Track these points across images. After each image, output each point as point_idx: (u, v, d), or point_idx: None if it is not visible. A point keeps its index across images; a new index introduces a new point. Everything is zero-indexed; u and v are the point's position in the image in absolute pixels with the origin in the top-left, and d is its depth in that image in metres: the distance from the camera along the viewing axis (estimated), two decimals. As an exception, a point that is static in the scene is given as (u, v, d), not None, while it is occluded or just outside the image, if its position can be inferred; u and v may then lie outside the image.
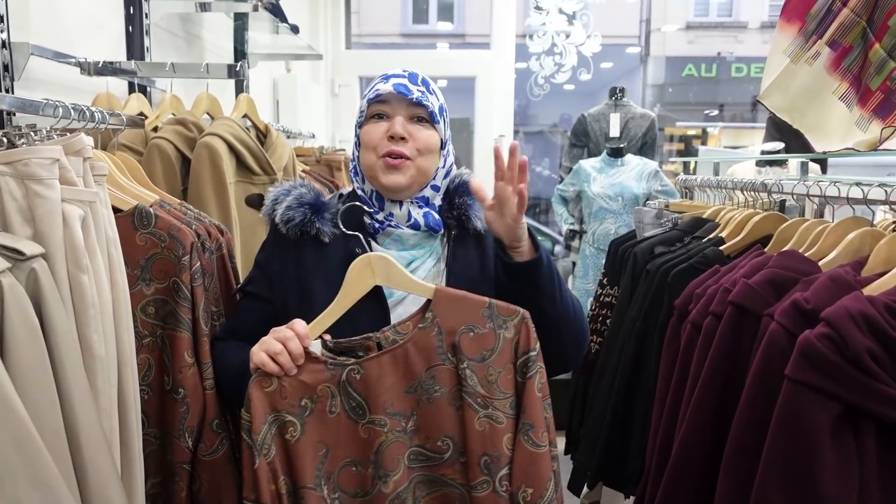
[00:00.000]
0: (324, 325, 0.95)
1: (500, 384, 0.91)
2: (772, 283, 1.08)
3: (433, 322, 0.92)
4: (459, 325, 0.92)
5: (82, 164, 0.80)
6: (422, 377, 0.92)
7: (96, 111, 1.15)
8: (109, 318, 0.82)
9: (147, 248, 1.09)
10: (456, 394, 0.92)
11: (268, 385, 0.90)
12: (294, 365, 0.90)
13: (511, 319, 0.92)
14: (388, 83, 1.04)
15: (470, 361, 0.91)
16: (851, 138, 1.24)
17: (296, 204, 1.07)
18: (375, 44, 11.13)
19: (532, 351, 0.91)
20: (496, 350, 0.91)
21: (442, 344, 0.92)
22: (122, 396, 0.86)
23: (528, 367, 0.91)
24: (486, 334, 0.91)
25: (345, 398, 0.91)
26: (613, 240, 2.05)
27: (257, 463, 0.87)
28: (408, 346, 0.92)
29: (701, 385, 1.14)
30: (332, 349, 0.94)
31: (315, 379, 0.91)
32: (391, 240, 1.07)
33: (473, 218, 1.09)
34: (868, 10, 1.20)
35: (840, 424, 0.85)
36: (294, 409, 0.90)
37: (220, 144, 1.42)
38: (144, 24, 1.81)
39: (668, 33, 11.08)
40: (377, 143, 1.04)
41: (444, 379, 0.92)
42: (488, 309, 0.92)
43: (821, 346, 0.85)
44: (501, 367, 0.91)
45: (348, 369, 0.91)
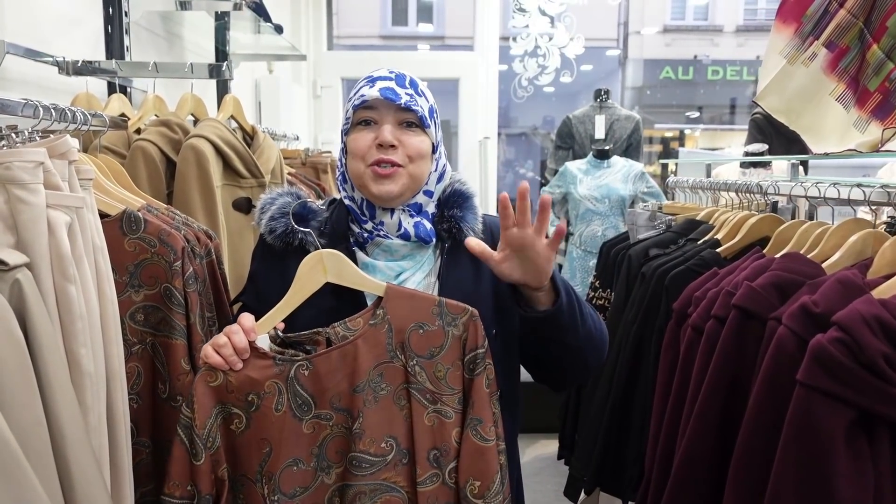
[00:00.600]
0: (273, 321, 0.94)
1: (448, 380, 0.92)
2: (776, 285, 1.07)
3: (384, 319, 0.92)
4: (409, 322, 0.92)
5: (68, 168, 0.76)
6: (370, 375, 0.92)
7: (78, 112, 1.10)
8: (97, 330, 0.78)
9: (136, 254, 1.05)
10: (402, 391, 0.92)
11: (213, 380, 0.89)
12: (238, 358, 0.88)
13: (460, 317, 0.92)
14: (373, 87, 0.98)
15: (419, 358, 0.92)
16: (849, 139, 1.23)
17: (279, 214, 1.04)
18: (355, 45, 11.07)
19: (480, 348, 0.92)
20: (444, 347, 0.92)
21: (391, 341, 0.92)
22: (111, 412, 0.81)
23: (475, 363, 0.92)
24: (435, 332, 0.92)
25: (292, 395, 0.91)
26: (605, 242, 2.04)
27: (202, 459, 0.87)
28: (358, 343, 0.92)
29: (705, 390, 1.12)
30: (281, 343, 0.94)
31: (262, 374, 0.90)
32: (380, 250, 1.03)
33: (465, 229, 1.04)
34: (865, 11, 1.20)
35: (854, 430, 0.84)
36: (240, 402, 0.90)
37: (206, 146, 1.37)
38: (124, 22, 1.75)
39: (646, 36, 11.20)
40: (365, 152, 0.99)
41: (391, 377, 0.92)
42: (438, 307, 0.92)
43: (834, 350, 0.83)
44: (450, 364, 0.92)
45: (297, 365, 0.91)
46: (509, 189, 8.55)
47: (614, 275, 1.86)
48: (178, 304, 1.03)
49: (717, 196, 1.93)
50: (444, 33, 10.83)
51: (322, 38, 3.98)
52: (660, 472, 1.25)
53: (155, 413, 1.06)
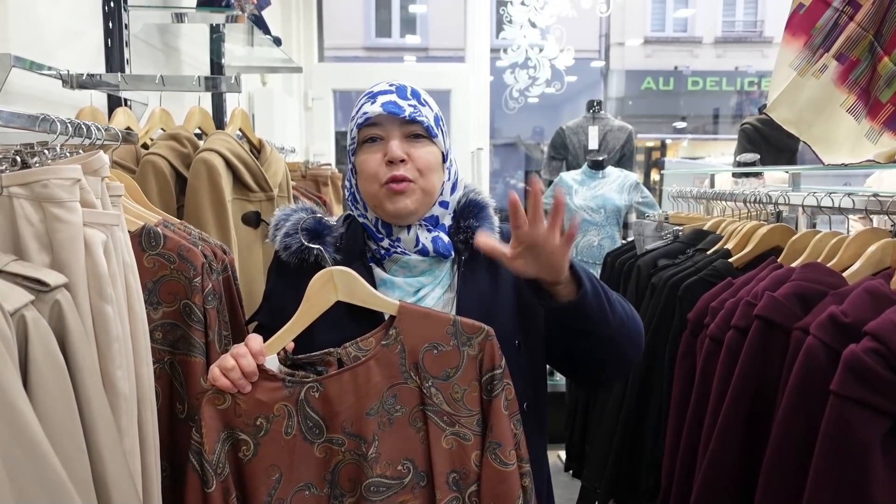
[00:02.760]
0: (282, 342, 0.91)
1: (465, 402, 0.89)
2: (798, 296, 1.08)
3: (396, 339, 0.90)
4: (423, 342, 0.90)
5: (100, 184, 0.74)
6: (383, 396, 0.89)
7: (93, 126, 1.08)
8: (131, 350, 0.75)
9: (155, 270, 1.02)
10: (417, 413, 0.90)
11: (221, 402, 0.86)
12: (247, 382, 0.86)
13: (475, 337, 0.90)
14: (375, 103, 0.96)
15: (434, 380, 0.89)
16: (861, 150, 1.25)
17: (293, 230, 1.01)
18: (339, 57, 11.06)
19: (497, 369, 0.89)
20: (460, 367, 0.89)
21: (405, 362, 0.90)
22: (142, 434, 0.79)
23: (493, 384, 0.89)
24: (450, 352, 0.89)
25: (302, 418, 0.88)
26: (608, 253, 2.05)
27: (213, 486, 0.84)
28: (370, 364, 0.89)
29: (729, 400, 1.12)
30: (291, 364, 0.91)
31: (271, 397, 0.87)
32: (398, 266, 1.01)
33: None
34: (875, 24, 1.22)
35: (890, 439, 0.84)
36: (248, 428, 0.87)
37: (218, 161, 1.35)
38: (124, 35, 1.73)
39: (628, 48, 11.36)
40: (376, 171, 0.97)
41: (406, 398, 0.90)
42: (453, 326, 0.90)
43: (869, 360, 0.84)
44: (466, 385, 0.89)
45: (307, 387, 0.88)
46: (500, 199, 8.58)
47: (620, 285, 1.86)
48: (198, 321, 1.01)
49: (712, 206, 1.95)
50: (429, 45, 10.88)
51: (313, 49, 3.97)
52: (681, 482, 1.25)
53: (173, 434, 1.03)
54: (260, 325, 1.06)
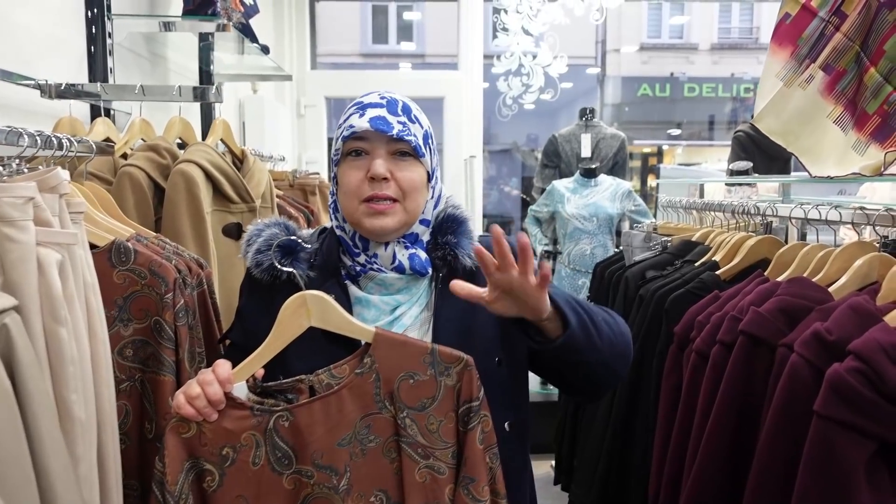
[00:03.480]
0: (251, 369, 0.87)
1: (441, 434, 0.86)
2: (783, 311, 1.06)
3: (371, 368, 0.86)
4: (399, 371, 0.86)
5: (58, 202, 0.72)
6: (357, 427, 0.86)
7: (64, 138, 1.06)
8: (89, 374, 0.73)
9: (126, 287, 1.00)
10: (392, 444, 0.87)
11: (185, 431, 0.83)
12: (213, 410, 0.83)
13: (453, 367, 0.86)
14: (363, 116, 0.93)
15: (409, 410, 0.86)
16: (848, 162, 1.23)
17: (265, 246, 0.98)
18: (336, 63, 11.07)
19: (474, 400, 0.86)
20: (437, 398, 0.86)
21: (379, 391, 0.86)
22: (102, 460, 0.76)
23: (469, 416, 0.86)
24: (427, 381, 0.86)
25: (270, 448, 0.85)
26: (598, 263, 2.03)
27: None
28: (342, 393, 0.86)
29: (714, 417, 1.10)
30: (260, 391, 0.87)
31: (239, 426, 0.84)
32: (374, 284, 0.98)
33: (461, 256, 0.99)
34: (861, 34, 1.21)
35: (875, 461, 0.82)
36: (214, 457, 0.83)
37: (196, 172, 1.33)
38: (108, 43, 1.71)
39: (624, 54, 11.38)
40: (358, 187, 0.94)
41: (380, 428, 0.87)
42: (430, 355, 0.86)
43: (853, 380, 0.81)
44: (443, 416, 0.86)
45: (276, 416, 0.84)
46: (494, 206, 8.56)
47: (609, 296, 1.84)
48: (168, 339, 0.99)
49: (703, 215, 1.94)
50: (426, 51, 10.89)
51: (306, 57, 3.96)
52: (668, 498, 1.23)
53: (143, 454, 1.01)
54: (233, 343, 1.03)
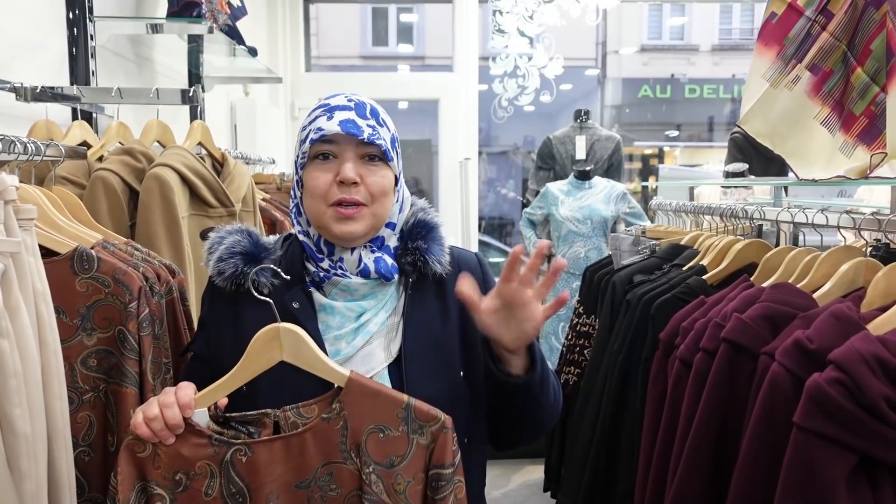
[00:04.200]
0: (214, 397, 0.84)
1: (408, 495, 0.81)
2: (766, 318, 1.03)
3: (339, 415, 0.82)
4: (369, 423, 0.82)
5: (3, 209, 0.69)
6: (317, 472, 0.82)
7: (29, 142, 1.03)
8: (37, 386, 0.70)
9: (89, 295, 0.98)
10: (354, 499, 0.82)
11: (140, 450, 0.80)
12: (170, 434, 0.80)
13: (429, 426, 0.82)
14: (332, 119, 0.90)
15: (376, 465, 0.81)
16: (835, 164, 1.20)
17: (227, 254, 0.95)
18: (335, 66, 11.06)
19: (447, 466, 0.81)
20: (407, 456, 0.81)
21: (345, 441, 0.82)
22: (54, 474, 0.74)
23: (440, 483, 0.81)
24: (398, 438, 0.81)
25: (225, 481, 0.81)
26: (588, 266, 2.00)
27: None
28: (306, 436, 0.82)
29: (695, 427, 1.07)
30: (221, 421, 0.84)
31: (195, 454, 0.81)
32: (339, 290, 0.95)
33: (431, 262, 0.97)
34: (848, 34, 1.18)
35: (856, 475, 0.79)
36: (166, 482, 0.80)
37: (171, 175, 1.31)
38: (89, 46, 1.69)
39: (624, 56, 11.35)
40: (325, 190, 0.91)
41: (343, 480, 0.82)
42: (404, 410, 0.82)
43: (833, 391, 0.79)
44: (411, 477, 0.81)
45: (234, 449, 0.81)
46: (491, 208, 8.53)
47: (598, 301, 1.82)
48: (131, 350, 0.97)
49: (700, 218, 1.91)
50: (425, 53, 10.88)
51: (300, 59, 3.94)
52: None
53: (106, 467, 0.98)
54: (195, 355, 0.99)
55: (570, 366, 1.90)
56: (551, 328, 3.16)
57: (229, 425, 0.83)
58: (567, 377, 1.90)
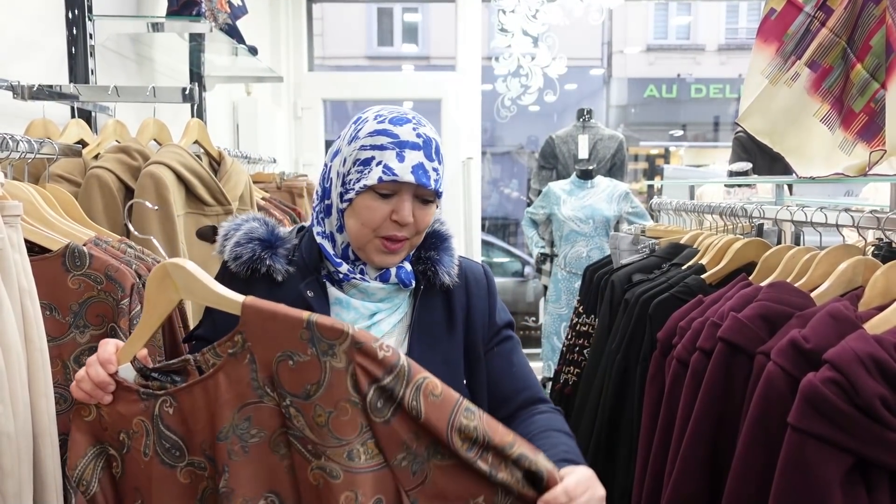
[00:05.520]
0: (133, 349, 0.80)
1: (331, 428, 0.72)
2: (763, 317, 1.02)
3: (244, 347, 0.74)
4: (275, 351, 0.73)
5: (-12, 205, 0.69)
6: (234, 419, 0.74)
7: (21, 140, 1.03)
8: (22, 383, 0.70)
9: (81, 292, 0.98)
10: (281, 437, 0.75)
11: (87, 414, 0.77)
12: (101, 393, 0.77)
13: (338, 344, 0.72)
14: (404, 163, 0.89)
15: (293, 398, 0.73)
16: (835, 161, 1.19)
17: (245, 239, 0.97)
18: (340, 66, 11.08)
19: (384, 377, 0.72)
20: (322, 384, 0.72)
21: (256, 376, 0.74)
22: (40, 473, 0.73)
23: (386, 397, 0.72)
24: (308, 362, 0.72)
25: (157, 438, 0.76)
26: (588, 266, 1.98)
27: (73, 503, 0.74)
28: (219, 377, 0.75)
29: (691, 427, 1.06)
30: (146, 374, 0.79)
31: (129, 410, 0.76)
32: (357, 290, 0.97)
33: (441, 273, 0.99)
34: (848, 30, 1.16)
35: (851, 477, 0.78)
36: (115, 443, 0.77)
37: (166, 173, 1.30)
38: (88, 44, 1.69)
39: (630, 55, 11.31)
40: (379, 223, 0.92)
41: (263, 420, 0.75)
42: (307, 330, 0.73)
43: (828, 392, 0.77)
44: (332, 407, 0.72)
45: (160, 401, 0.76)
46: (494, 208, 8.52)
47: (598, 300, 1.80)
48: (126, 346, 0.96)
49: (702, 218, 1.89)
50: (429, 53, 10.88)
51: (303, 59, 3.94)
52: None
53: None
54: (200, 338, 0.99)
55: (570, 365, 1.89)
56: (553, 328, 3.14)
57: (153, 377, 0.79)
58: (567, 377, 1.89)
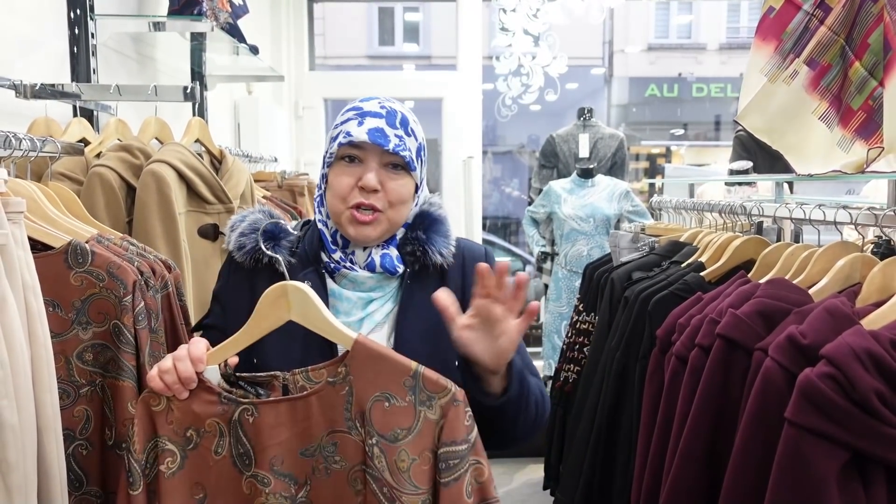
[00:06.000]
0: (225, 354, 0.83)
1: (411, 475, 0.75)
2: (761, 313, 1.02)
3: (345, 379, 0.78)
4: (374, 390, 0.77)
5: (-9, 202, 0.70)
6: (322, 441, 0.79)
7: (24, 138, 1.04)
8: (26, 378, 0.71)
9: (83, 289, 0.98)
10: (358, 474, 0.78)
11: (156, 404, 0.79)
12: (182, 387, 0.79)
13: (438, 397, 0.75)
14: (362, 126, 0.93)
15: (380, 438, 0.76)
16: (833, 159, 1.19)
17: (249, 230, 1.00)
18: (341, 65, 11.09)
19: (460, 443, 0.74)
20: (413, 430, 0.75)
21: (350, 408, 0.78)
22: (44, 467, 0.74)
23: (451, 463, 0.74)
24: (404, 409, 0.76)
25: (234, 441, 0.79)
26: (588, 264, 1.99)
27: (139, 488, 0.76)
28: (311, 400, 0.79)
29: (690, 423, 1.07)
30: (232, 381, 0.83)
31: (205, 410, 0.79)
32: (347, 281, 0.99)
33: (431, 252, 0.99)
34: (846, 27, 1.17)
35: (848, 471, 0.78)
36: (178, 437, 0.79)
37: (167, 172, 1.31)
38: (90, 44, 1.70)
39: (631, 54, 11.30)
40: (346, 193, 0.94)
41: (348, 451, 0.78)
42: (412, 378, 0.76)
43: (824, 386, 0.78)
44: (417, 455, 0.75)
45: (242, 408, 0.79)
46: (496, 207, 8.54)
47: (598, 298, 1.81)
48: (128, 343, 0.97)
49: (702, 216, 1.89)
50: (431, 53, 10.88)
51: (304, 58, 3.95)
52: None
53: (104, 460, 0.99)
54: (209, 326, 1.02)
55: (570, 363, 1.90)
56: (554, 327, 3.15)
57: (239, 385, 0.82)
58: (567, 374, 1.89)
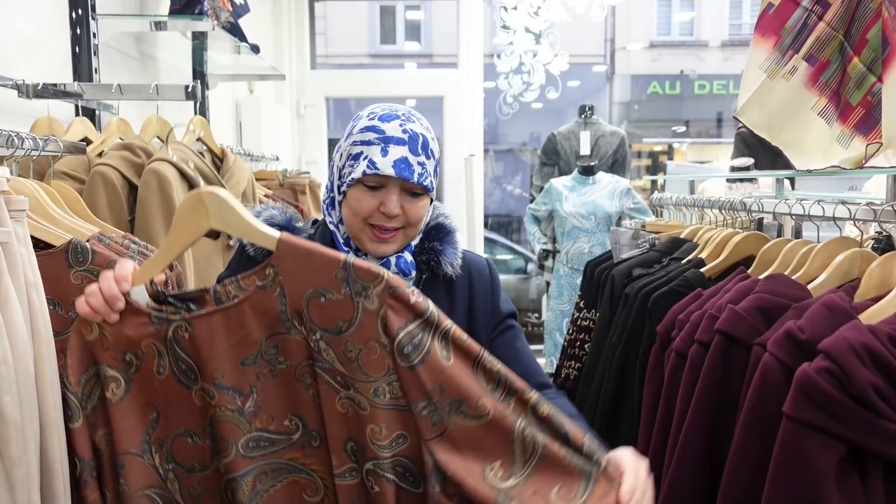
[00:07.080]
0: (150, 272, 0.79)
1: (361, 364, 0.75)
2: (760, 309, 1.02)
3: (275, 281, 0.76)
4: (307, 287, 0.76)
5: (-7, 200, 0.70)
6: (262, 346, 0.78)
7: (27, 137, 1.05)
8: (29, 375, 0.72)
9: (83, 287, 0.99)
10: (306, 369, 0.78)
11: (88, 332, 0.77)
12: (110, 310, 0.76)
13: (372, 286, 0.75)
14: (387, 157, 0.93)
15: (324, 332, 0.76)
16: (832, 155, 1.19)
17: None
18: (343, 64, 11.09)
19: (413, 321, 0.75)
20: (354, 322, 0.75)
21: (285, 309, 0.76)
22: (47, 462, 0.75)
23: (414, 343, 0.75)
24: (341, 301, 0.75)
25: (173, 359, 0.78)
26: (589, 261, 1.99)
27: (78, 420, 0.75)
28: (244, 308, 0.77)
29: (689, 420, 1.07)
30: (161, 299, 0.79)
31: (138, 333, 0.77)
32: None
33: (444, 264, 1.02)
34: (845, 24, 1.17)
35: (845, 465, 0.78)
36: (117, 363, 0.78)
37: (169, 170, 1.32)
38: (92, 43, 1.71)
39: (633, 52, 11.29)
40: (367, 214, 0.96)
41: (290, 350, 0.78)
42: (343, 270, 0.75)
43: (822, 381, 0.78)
44: (362, 344, 0.75)
45: (174, 325, 0.77)
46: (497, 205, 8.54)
47: (598, 295, 1.81)
48: (129, 340, 0.98)
49: (703, 212, 1.90)
50: (432, 51, 10.88)
51: (305, 57, 3.95)
52: None
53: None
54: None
55: (571, 360, 1.90)
56: (555, 324, 3.15)
57: (168, 302, 0.80)
58: (568, 371, 1.90)
